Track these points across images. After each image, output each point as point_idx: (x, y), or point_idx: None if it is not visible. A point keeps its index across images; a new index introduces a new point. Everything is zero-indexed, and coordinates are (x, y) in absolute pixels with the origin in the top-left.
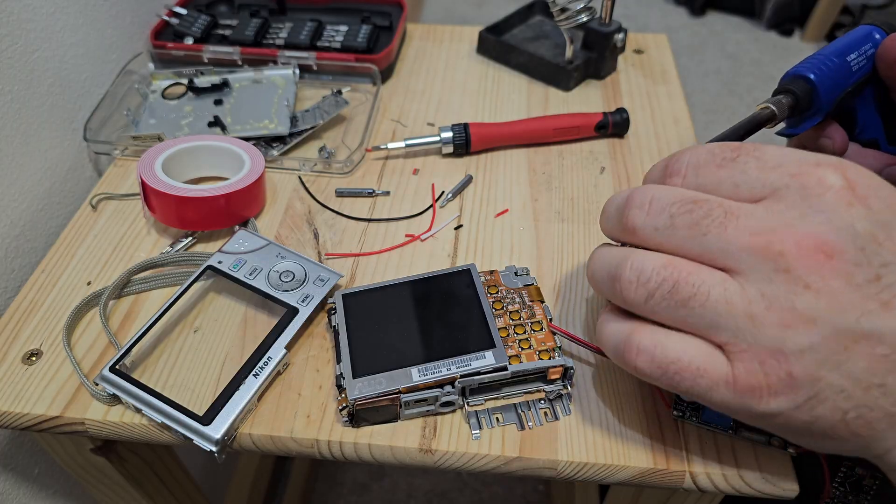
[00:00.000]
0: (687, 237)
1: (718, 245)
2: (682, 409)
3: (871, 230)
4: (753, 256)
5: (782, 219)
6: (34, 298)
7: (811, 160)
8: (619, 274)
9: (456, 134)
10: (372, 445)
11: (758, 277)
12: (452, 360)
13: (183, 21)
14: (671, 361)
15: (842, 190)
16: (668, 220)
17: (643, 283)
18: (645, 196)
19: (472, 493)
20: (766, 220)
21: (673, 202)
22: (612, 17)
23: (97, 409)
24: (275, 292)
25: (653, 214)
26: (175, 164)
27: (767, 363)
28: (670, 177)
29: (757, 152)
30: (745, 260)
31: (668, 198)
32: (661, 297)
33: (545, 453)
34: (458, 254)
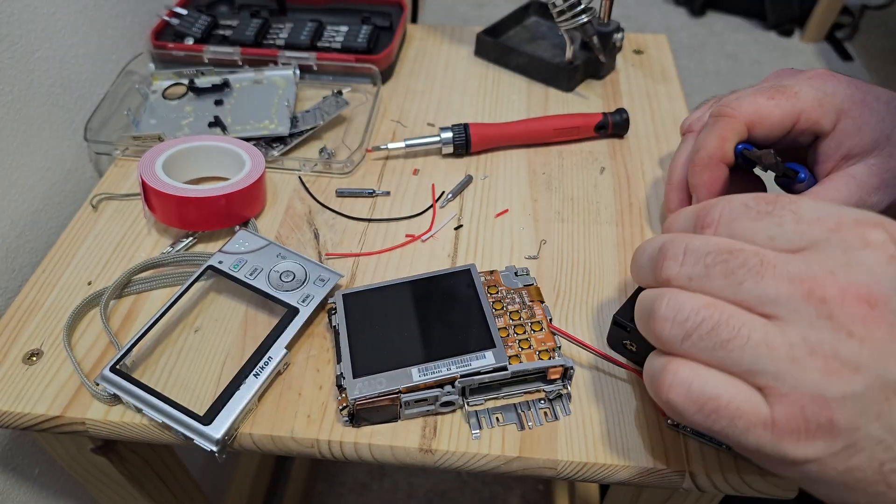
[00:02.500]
0: (723, 286)
1: (756, 292)
2: None
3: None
4: (795, 301)
5: (823, 267)
6: (35, 298)
7: (851, 217)
8: (654, 310)
9: (456, 134)
10: (372, 445)
11: (800, 322)
12: (452, 360)
13: (183, 21)
14: (709, 398)
15: (884, 245)
16: (702, 270)
17: (680, 323)
18: (678, 247)
19: (472, 492)
20: (805, 268)
21: (707, 252)
22: (610, 16)
23: (98, 408)
24: (275, 292)
25: (687, 265)
26: (176, 164)
27: (808, 408)
28: (702, 228)
29: (793, 206)
30: (785, 305)
31: (702, 248)
32: (700, 337)
33: (545, 453)
34: (459, 254)
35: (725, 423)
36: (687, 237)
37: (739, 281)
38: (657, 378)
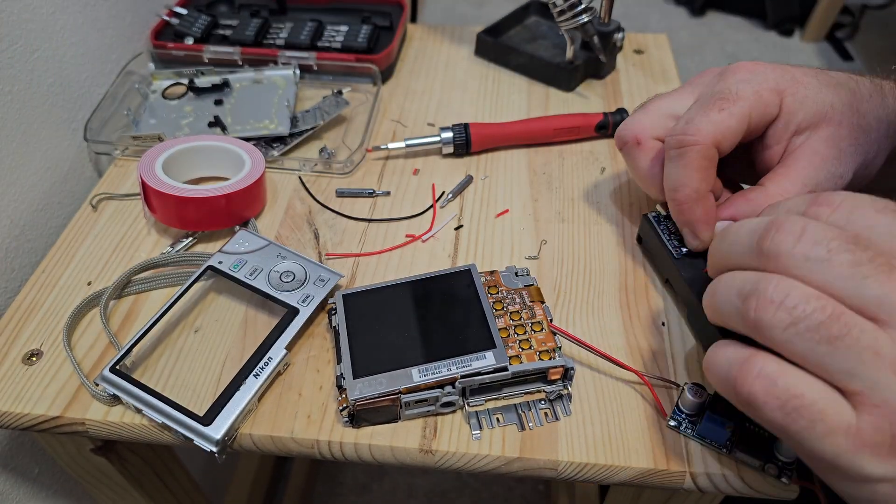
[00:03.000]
0: (843, 275)
1: (878, 293)
2: (679, 419)
3: None
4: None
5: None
6: (34, 299)
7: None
8: (760, 291)
9: (456, 134)
10: (372, 446)
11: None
12: (453, 361)
13: (183, 21)
14: (793, 395)
15: None
16: (824, 253)
17: (789, 308)
18: (797, 223)
19: (472, 492)
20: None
21: (832, 237)
22: (611, 16)
23: (97, 409)
24: (275, 292)
25: (806, 243)
26: (175, 164)
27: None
28: (818, 205)
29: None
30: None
31: (825, 232)
32: (807, 327)
33: (545, 454)
34: (459, 254)
35: (805, 424)
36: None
37: (864, 275)
38: (737, 368)
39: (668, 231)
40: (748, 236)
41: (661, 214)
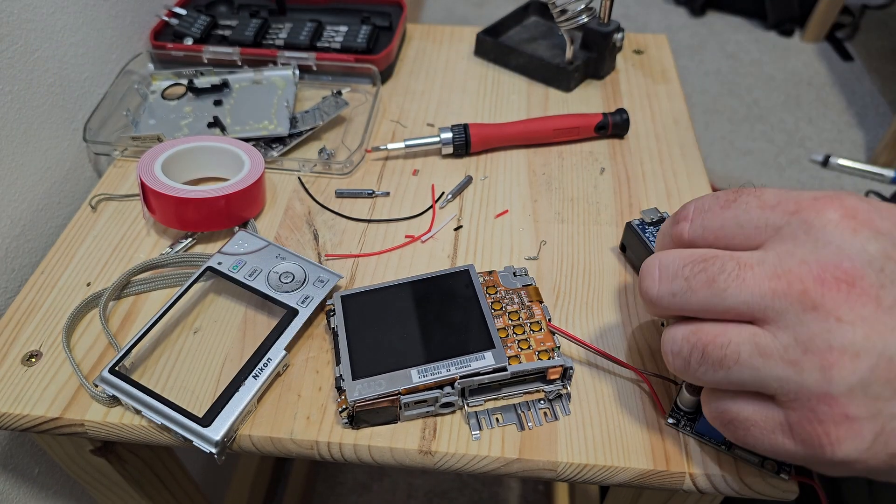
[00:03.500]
0: (708, 296)
1: (741, 298)
2: (678, 417)
3: (883, 249)
4: (778, 301)
5: (794, 257)
6: (34, 299)
7: (808, 196)
8: (664, 350)
9: (455, 135)
10: (372, 447)
11: (788, 322)
12: (452, 361)
13: (182, 21)
14: (731, 418)
15: (843, 219)
16: (683, 284)
17: (677, 354)
18: (652, 265)
19: (473, 492)
20: (779, 262)
21: (684, 265)
22: (610, 16)
23: (97, 410)
24: (274, 293)
25: (664, 281)
26: (175, 164)
27: (819, 409)
28: (678, 223)
29: (757, 192)
30: (770, 307)
31: (677, 261)
32: (697, 363)
33: (545, 455)
34: (458, 255)
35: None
36: (660, 255)
37: (723, 288)
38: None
39: (654, 236)
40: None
41: (646, 221)
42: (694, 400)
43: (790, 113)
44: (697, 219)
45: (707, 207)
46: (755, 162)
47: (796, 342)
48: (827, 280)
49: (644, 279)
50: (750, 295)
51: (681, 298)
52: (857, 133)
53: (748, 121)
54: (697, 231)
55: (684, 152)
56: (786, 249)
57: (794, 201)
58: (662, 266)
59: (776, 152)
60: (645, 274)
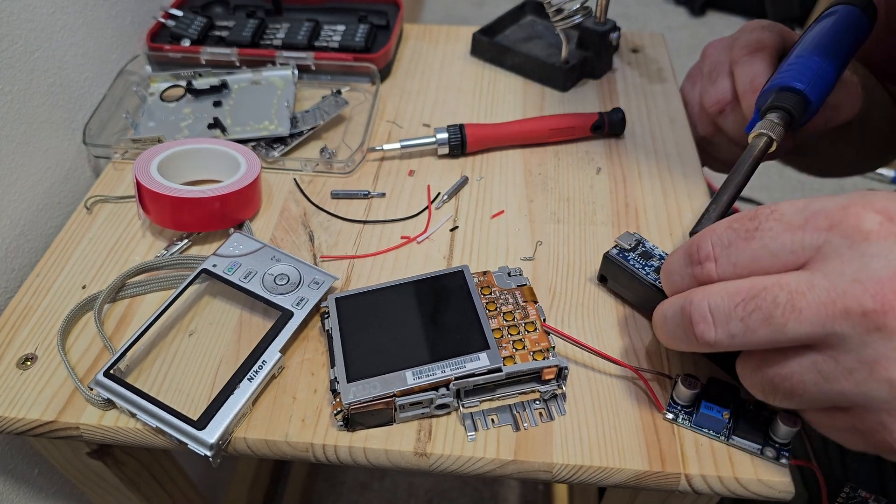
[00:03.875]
0: (769, 334)
1: (802, 330)
2: (675, 411)
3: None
4: (839, 327)
5: (845, 277)
6: (29, 302)
7: (834, 206)
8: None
9: (451, 135)
10: (367, 449)
11: (851, 345)
12: (447, 363)
13: (179, 23)
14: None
15: (882, 226)
16: (740, 325)
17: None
18: (702, 308)
19: (473, 492)
20: (830, 285)
21: (734, 304)
22: (606, 15)
23: (92, 413)
24: (269, 296)
25: (720, 324)
26: (171, 166)
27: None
28: (701, 263)
29: (776, 214)
30: (832, 333)
31: (726, 301)
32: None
33: (541, 456)
34: (454, 255)
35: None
36: (705, 293)
37: (783, 323)
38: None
39: (639, 264)
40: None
41: (624, 248)
42: (690, 393)
43: None
44: (722, 256)
45: (728, 242)
46: None
47: (861, 364)
48: (886, 297)
49: (698, 324)
50: (810, 325)
51: (741, 339)
52: None
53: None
54: (727, 270)
55: (681, 152)
56: (833, 269)
57: (824, 216)
58: (714, 308)
59: None
60: (696, 318)
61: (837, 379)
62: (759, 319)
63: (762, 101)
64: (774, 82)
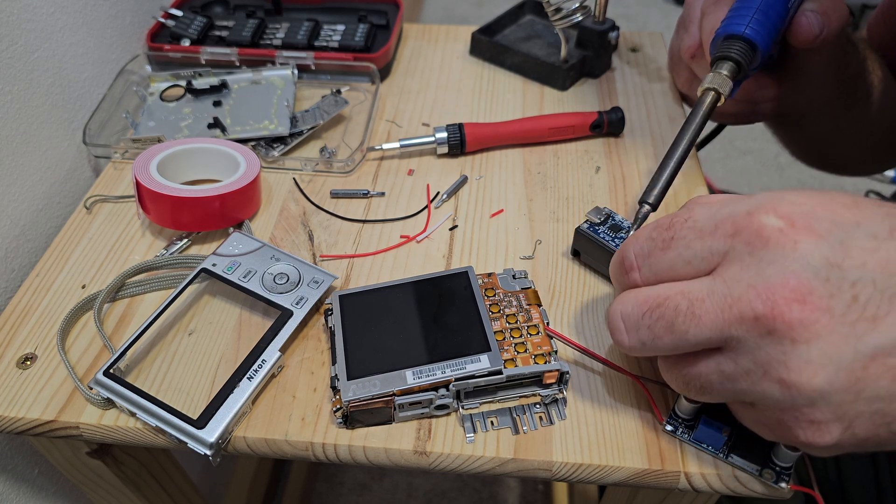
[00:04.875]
0: (674, 341)
1: (702, 336)
2: (675, 424)
3: (826, 257)
4: (734, 330)
5: (741, 283)
6: (29, 302)
7: (742, 210)
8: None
9: (451, 134)
10: (367, 448)
11: (747, 347)
12: (447, 363)
13: (179, 23)
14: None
15: (782, 231)
16: (647, 333)
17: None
18: (615, 318)
19: (473, 492)
20: (727, 290)
21: (641, 313)
22: (605, 14)
23: (92, 412)
24: (269, 295)
25: (631, 332)
26: (171, 165)
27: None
28: (627, 273)
29: (689, 222)
30: (729, 336)
31: (635, 310)
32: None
33: (540, 455)
34: (454, 254)
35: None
36: (620, 302)
37: (684, 331)
38: None
39: (609, 236)
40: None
41: (594, 222)
42: (692, 407)
43: None
44: (644, 266)
45: (648, 251)
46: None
47: (756, 365)
48: (777, 302)
49: (613, 332)
50: (709, 331)
51: (651, 346)
52: None
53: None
54: (649, 277)
55: None
56: (732, 275)
57: (731, 221)
58: (625, 316)
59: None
60: (612, 328)
61: (737, 379)
62: (663, 327)
63: (713, 51)
64: (720, 30)
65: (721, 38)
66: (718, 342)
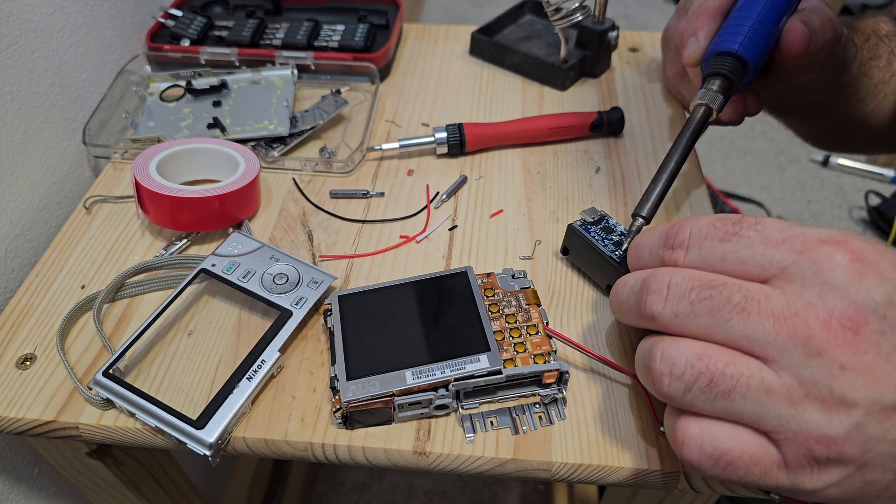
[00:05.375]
0: (710, 323)
1: (744, 332)
2: None
3: (887, 296)
4: (783, 342)
5: (802, 299)
6: (28, 303)
7: (814, 236)
8: (650, 365)
9: (450, 134)
10: (366, 448)
11: (792, 363)
12: (447, 363)
13: (179, 23)
14: (722, 453)
15: (851, 264)
16: (687, 307)
17: (677, 377)
18: (661, 281)
19: (473, 492)
20: (786, 303)
21: (691, 287)
22: (605, 14)
23: (91, 413)
24: (268, 295)
25: (671, 300)
26: (170, 165)
27: (816, 448)
28: (673, 248)
29: (758, 226)
30: (773, 346)
31: (685, 283)
32: (700, 390)
33: (539, 455)
34: (453, 255)
35: (742, 474)
36: (669, 271)
37: (726, 319)
38: (671, 436)
39: (599, 236)
40: (630, 296)
41: (587, 221)
42: None
43: None
44: (694, 248)
45: (705, 235)
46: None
47: (799, 384)
48: (833, 326)
49: (651, 294)
50: (753, 330)
51: (682, 320)
52: None
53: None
54: (694, 261)
55: None
56: (793, 290)
57: (801, 240)
58: (672, 284)
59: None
60: (653, 289)
61: (776, 392)
62: (706, 308)
63: (704, 69)
64: (713, 46)
65: (714, 55)
66: (756, 348)
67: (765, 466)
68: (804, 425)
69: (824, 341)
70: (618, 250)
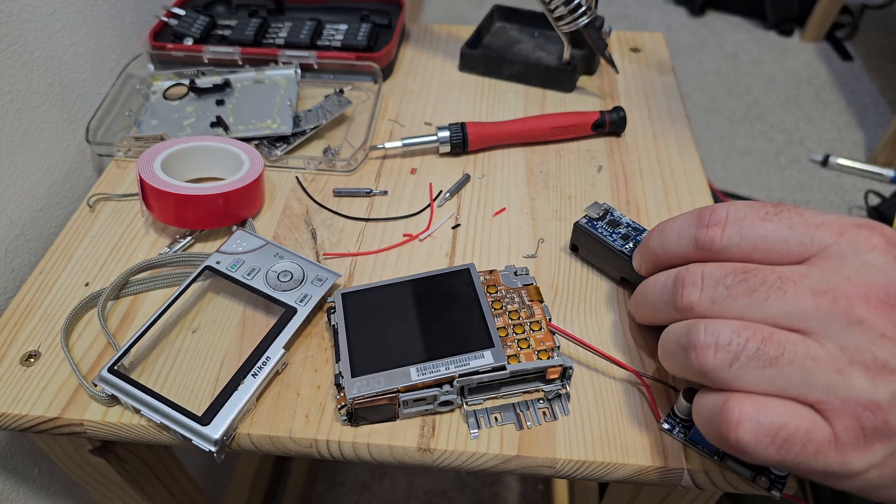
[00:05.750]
0: (748, 304)
1: (782, 308)
2: (672, 423)
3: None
4: (822, 313)
5: (840, 275)
6: (32, 300)
7: (851, 222)
8: (693, 341)
9: (453, 133)
10: (371, 445)
11: (833, 333)
12: (451, 360)
13: (182, 22)
14: (779, 427)
15: (887, 247)
16: (724, 291)
17: (724, 347)
18: (695, 274)
19: (473, 492)
20: (824, 278)
21: (725, 274)
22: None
23: (96, 409)
24: (273, 292)
25: (707, 288)
26: (174, 163)
27: (864, 416)
28: (708, 227)
29: (798, 209)
30: (814, 319)
31: (719, 271)
32: (748, 358)
33: (543, 452)
34: (456, 253)
35: (798, 451)
36: (700, 265)
37: (764, 298)
38: (719, 418)
39: (606, 231)
40: (662, 294)
41: (592, 217)
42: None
43: (790, 112)
44: (732, 226)
45: (744, 216)
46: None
47: (843, 351)
48: (872, 299)
49: (687, 286)
50: (791, 306)
51: (720, 305)
52: (856, 132)
53: (748, 120)
54: (733, 239)
55: (681, 150)
56: (831, 267)
57: (840, 223)
58: (707, 274)
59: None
60: (688, 282)
61: (823, 360)
62: (743, 290)
63: None
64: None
65: None
66: (796, 323)
67: (818, 443)
68: (851, 392)
69: (864, 311)
70: (626, 243)
